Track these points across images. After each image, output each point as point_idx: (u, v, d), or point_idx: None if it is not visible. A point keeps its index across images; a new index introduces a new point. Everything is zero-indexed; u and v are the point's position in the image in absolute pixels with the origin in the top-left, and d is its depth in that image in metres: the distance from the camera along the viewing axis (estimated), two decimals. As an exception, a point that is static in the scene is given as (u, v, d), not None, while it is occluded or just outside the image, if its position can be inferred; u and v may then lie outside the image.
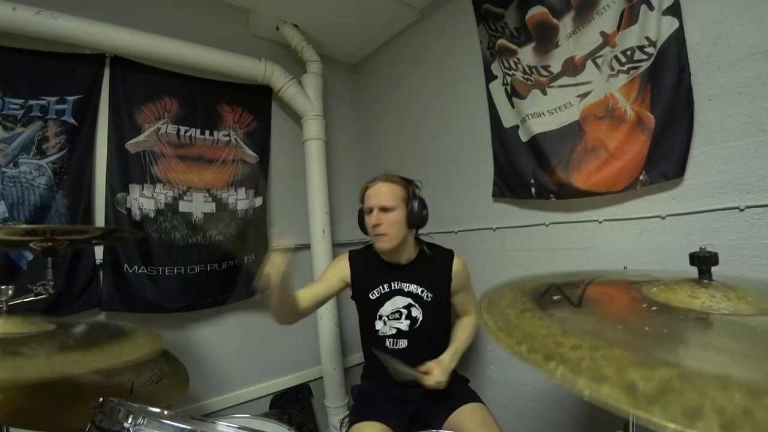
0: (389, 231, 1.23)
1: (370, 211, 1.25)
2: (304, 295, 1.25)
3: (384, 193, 1.24)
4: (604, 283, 0.78)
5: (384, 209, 1.23)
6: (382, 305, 1.31)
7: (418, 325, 1.30)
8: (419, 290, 1.30)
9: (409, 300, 1.31)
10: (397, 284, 1.31)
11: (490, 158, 1.69)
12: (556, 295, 0.67)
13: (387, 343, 1.30)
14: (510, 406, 1.65)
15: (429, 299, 1.30)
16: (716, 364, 0.44)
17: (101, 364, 0.76)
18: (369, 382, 1.41)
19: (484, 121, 1.71)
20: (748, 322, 0.53)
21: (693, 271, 0.64)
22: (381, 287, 1.31)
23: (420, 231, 1.38)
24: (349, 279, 1.34)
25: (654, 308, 0.59)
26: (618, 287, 0.76)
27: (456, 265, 1.33)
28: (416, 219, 1.26)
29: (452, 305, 1.38)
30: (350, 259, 1.37)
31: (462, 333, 1.35)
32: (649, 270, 0.95)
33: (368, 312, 1.33)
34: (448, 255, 1.35)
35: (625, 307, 0.64)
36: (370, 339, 1.34)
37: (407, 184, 1.30)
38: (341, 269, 1.35)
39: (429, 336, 1.31)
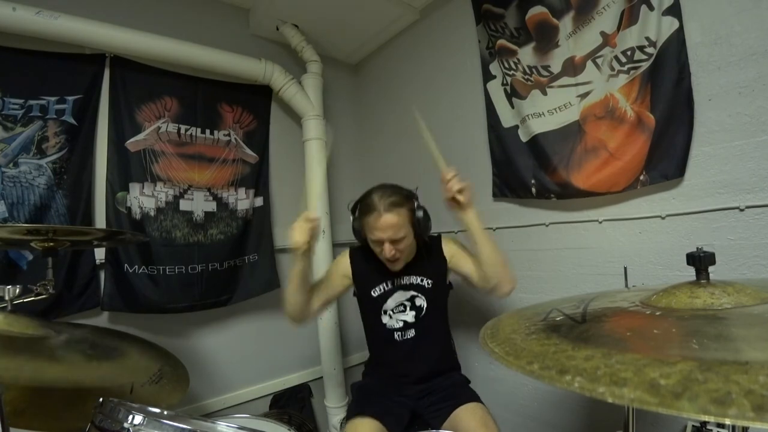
0: (403, 255, 1.23)
1: (380, 242, 1.19)
2: (315, 297, 1.28)
3: (392, 226, 1.15)
4: (604, 299, 0.78)
5: (396, 241, 1.18)
6: (385, 301, 1.32)
7: (423, 313, 1.31)
8: (419, 279, 1.32)
9: (411, 292, 1.32)
10: (398, 280, 1.32)
11: (490, 158, 1.69)
12: (558, 316, 0.67)
13: (396, 336, 1.31)
14: (510, 406, 1.65)
15: (429, 286, 1.31)
16: (733, 351, 0.44)
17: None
18: (370, 379, 1.41)
19: (483, 120, 1.71)
20: (752, 311, 0.53)
21: (691, 271, 0.65)
22: (384, 284, 1.32)
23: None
24: (350, 276, 1.35)
25: (658, 313, 0.59)
26: (618, 301, 0.77)
27: (445, 245, 1.34)
28: (423, 232, 1.23)
29: (471, 276, 1.27)
30: (351, 256, 1.37)
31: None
32: (645, 286, 0.96)
33: (372, 308, 1.34)
34: (437, 240, 1.36)
35: (629, 316, 0.64)
36: (378, 333, 1.34)
37: (408, 200, 1.21)
38: (342, 267, 1.36)
39: (435, 322, 1.33)
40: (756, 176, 1.05)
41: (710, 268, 0.63)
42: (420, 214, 1.21)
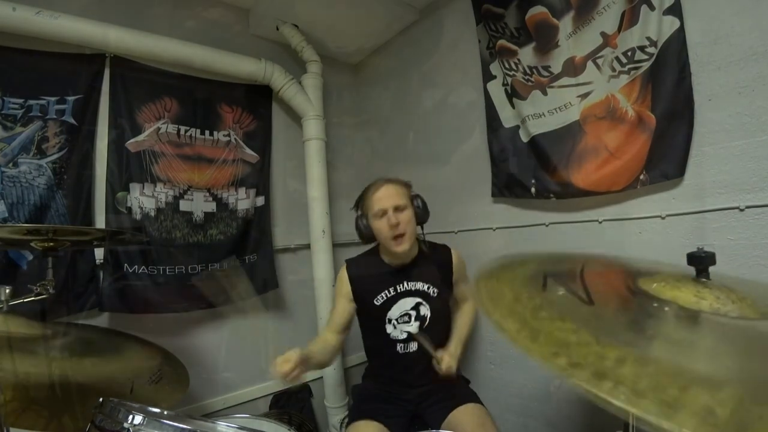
0: (407, 229, 1.24)
1: (383, 213, 1.22)
2: (331, 333, 1.29)
3: (395, 194, 1.25)
4: (598, 271, 0.74)
5: (398, 208, 1.23)
6: (389, 309, 1.29)
7: (427, 323, 1.30)
8: (425, 287, 1.31)
9: (416, 299, 1.30)
10: (402, 286, 1.30)
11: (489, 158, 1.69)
12: (559, 288, 0.63)
13: (398, 348, 1.30)
14: (510, 406, 1.65)
15: (435, 294, 1.31)
16: None
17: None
18: (370, 382, 1.41)
19: (483, 120, 1.71)
20: (757, 327, 0.52)
21: (691, 271, 0.64)
22: (386, 291, 1.30)
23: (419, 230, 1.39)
24: (352, 296, 1.31)
25: (666, 308, 0.56)
26: (614, 277, 0.73)
27: (455, 259, 1.37)
28: (423, 215, 1.31)
29: (453, 296, 1.40)
30: (348, 270, 1.34)
31: (462, 320, 1.38)
32: (631, 259, 0.95)
33: (376, 318, 1.30)
34: (446, 250, 1.39)
35: (636, 306, 0.60)
36: (381, 345, 1.32)
37: (407, 184, 1.33)
38: (344, 289, 1.33)
39: (438, 333, 1.31)
40: (756, 176, 1.05)
41: (710, 268, 0.63)
42: (418, 200, 1.31)
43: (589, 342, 0.44)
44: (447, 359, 1.19)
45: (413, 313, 1.30)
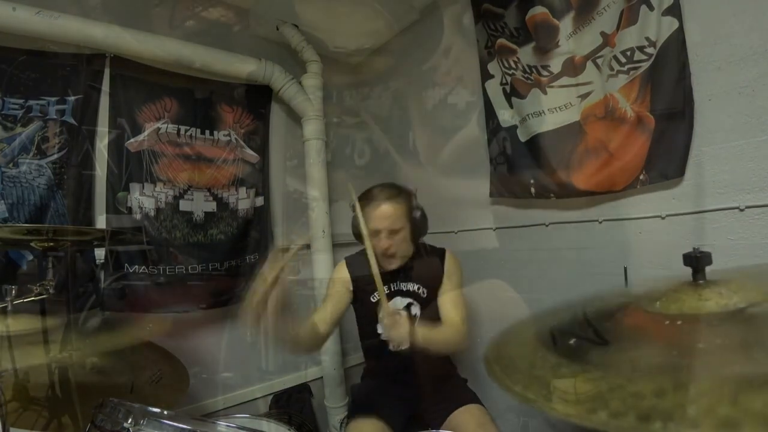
0: (398, 250, 1.23)
1: (377, 233, 1.21)
2: (320, 320, 1.22)
3: (390, 215, 1.21)
4: (604, 311, 0.70)
5: (392, 232, 1.21)
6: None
7: (416, 323, 1.30)
8: (416, 287, 1.31)
9: (408, 299, 1.31)
10: (396, 285, 1.31)
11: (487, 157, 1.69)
12: (569, 339, 0.60)
13: (391, 346, 1.30)
14: (510, 406, 1.65)
15: (425, 295, 1.31)
16: None
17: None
18: (369, 381, 1.42)
19: (482, 120, 1.71)
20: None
21: (687, 272, 0.64)
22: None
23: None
24: (351, 286, 1.32)
25: (679, 322, 0.54)
26: (621, 310, 0.71)
27: (448, 260, 1.34)
28: (420, 232, 1.29)
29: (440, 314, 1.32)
30: (348, 265, 1.35)
31: (437, 331, 1.22)
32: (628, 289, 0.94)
33: (369, 315, 1.31)
34: (441, 253, 1.37)
35: (650, 329, 0.58)
36: (373, 344, 1.33)
37: (407, 196, 1.27)
38: (343, 279, 1.33)
39: None
40: (756, 176, 1.05)
41: (709, 268, 0.63)
42: (417, 212, 1.25)
43: (621, 384, 0.42)
44: (394, 317, 1.07)
45: (404, 313, 1.29)
